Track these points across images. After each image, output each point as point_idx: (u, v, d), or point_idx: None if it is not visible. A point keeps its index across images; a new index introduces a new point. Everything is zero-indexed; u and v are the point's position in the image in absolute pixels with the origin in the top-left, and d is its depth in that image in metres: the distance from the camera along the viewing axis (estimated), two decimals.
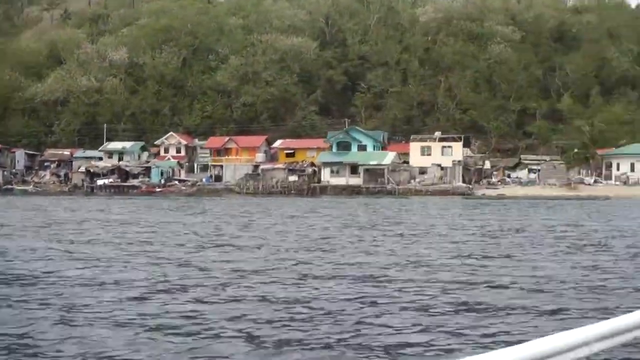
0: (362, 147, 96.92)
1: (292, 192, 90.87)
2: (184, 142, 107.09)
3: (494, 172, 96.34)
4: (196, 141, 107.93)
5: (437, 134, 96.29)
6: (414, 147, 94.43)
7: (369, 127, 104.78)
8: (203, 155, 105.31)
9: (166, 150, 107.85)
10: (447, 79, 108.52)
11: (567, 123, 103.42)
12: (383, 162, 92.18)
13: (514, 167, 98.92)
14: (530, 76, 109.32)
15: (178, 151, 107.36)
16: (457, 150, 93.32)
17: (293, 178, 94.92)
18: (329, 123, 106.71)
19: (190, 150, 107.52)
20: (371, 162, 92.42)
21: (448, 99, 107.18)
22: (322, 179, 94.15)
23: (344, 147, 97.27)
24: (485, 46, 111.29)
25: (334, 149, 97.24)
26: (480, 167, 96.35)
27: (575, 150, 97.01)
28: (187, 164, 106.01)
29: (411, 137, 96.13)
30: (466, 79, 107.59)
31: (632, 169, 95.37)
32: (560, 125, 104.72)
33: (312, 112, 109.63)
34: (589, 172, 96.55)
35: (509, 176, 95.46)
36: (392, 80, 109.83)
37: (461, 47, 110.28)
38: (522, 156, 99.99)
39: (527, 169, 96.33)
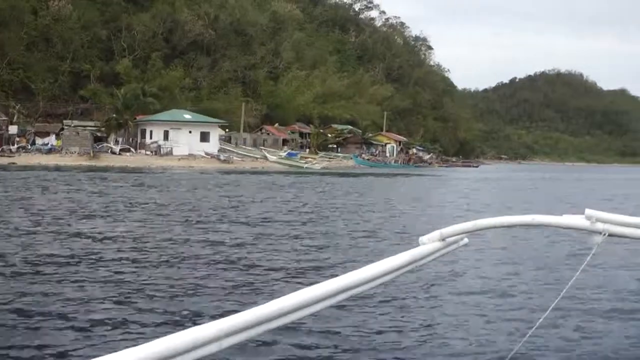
0: None
1: None
2: None
3: (17, 139, 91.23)
4: None
5: None
6: None
7: None
8: None
9: None
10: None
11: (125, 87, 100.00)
12: None
13: (59, 133, 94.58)
14: (92, 36, 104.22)
15: None
16: None
17: None
18: None
19: None
20: None
21: None
22: None
23: None
24: (47, 1, 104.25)
25: None
26: (3, 132, 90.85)
27: (113, 115, 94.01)
28: None
29: None
30: (20, 37, 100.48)
31: (166, 137, 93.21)
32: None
33: None
34: (125, 140, 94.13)
35: (33, 143, 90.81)
36: None
37: (18, 2, 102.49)
38: (65, 121, 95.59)
39: (54, 136, 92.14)
